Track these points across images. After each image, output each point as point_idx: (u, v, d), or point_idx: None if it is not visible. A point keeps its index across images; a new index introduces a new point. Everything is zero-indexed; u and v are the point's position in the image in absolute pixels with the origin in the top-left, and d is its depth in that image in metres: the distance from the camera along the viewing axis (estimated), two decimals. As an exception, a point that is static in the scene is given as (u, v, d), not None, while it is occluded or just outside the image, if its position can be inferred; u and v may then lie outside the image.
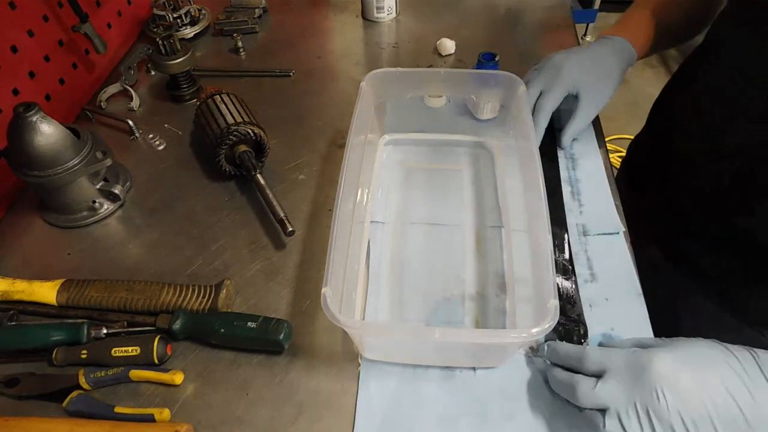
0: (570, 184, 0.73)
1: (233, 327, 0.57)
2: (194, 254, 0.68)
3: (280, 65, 0.98)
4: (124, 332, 0.59)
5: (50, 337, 0.57)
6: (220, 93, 0.79)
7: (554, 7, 1.11)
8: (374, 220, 0.70)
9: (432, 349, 0.56)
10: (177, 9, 1.03)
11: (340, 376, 0.56)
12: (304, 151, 0.82)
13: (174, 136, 0.86)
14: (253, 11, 1.09)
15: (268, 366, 0.57)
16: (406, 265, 0.65)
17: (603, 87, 0.72)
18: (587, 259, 0.64)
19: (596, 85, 0.72)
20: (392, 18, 1.10)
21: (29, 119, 0.64)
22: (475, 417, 0.52)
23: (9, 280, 0.63)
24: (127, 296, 0.61)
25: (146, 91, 0.95)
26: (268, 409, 0.54)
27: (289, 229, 0.66)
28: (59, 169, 0.67)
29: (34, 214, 0.75)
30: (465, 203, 0.72)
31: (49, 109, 0.67)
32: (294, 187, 0.76)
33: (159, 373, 0.55)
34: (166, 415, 0.52)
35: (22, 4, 0.77)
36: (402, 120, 0.80)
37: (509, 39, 1.03)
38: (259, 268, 0.66)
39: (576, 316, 0.58)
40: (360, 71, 0.97)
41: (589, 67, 0.72)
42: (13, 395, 0.55)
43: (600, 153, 0.78)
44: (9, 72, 0.76)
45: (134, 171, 0.80)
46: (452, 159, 0.79)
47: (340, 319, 0.47)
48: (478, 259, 0.66)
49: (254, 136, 0.74)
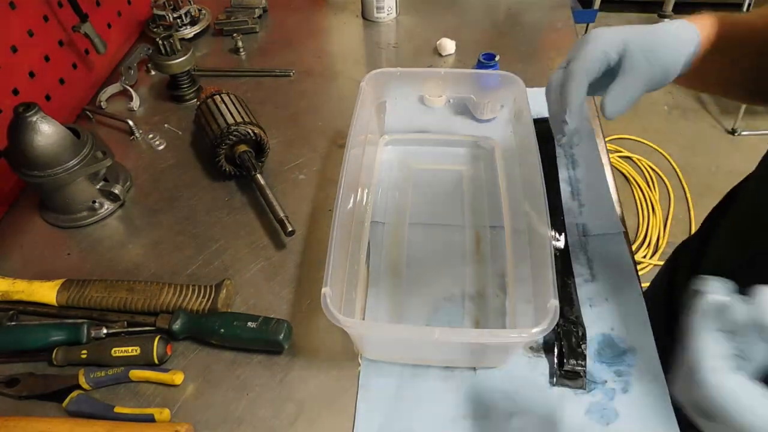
0: (570, 184, 0.73)
1: (233, 327, 0.57)
2: (194, 254, 0.68)
3: (280, 65, 0.98)
4: (124, 332, 0.59)
5: (50, 337, 0.57)
6: (220, 93, 0.79)
7: (554, 7, 1.11)
8: (374, 220, 0.70)
9: (432, 349, 0.56)
10: (177, 9, 1.03)
11: (340, 376, 0.56)
12: (304, 151, 0.82)
13: (174, 136, 0.86)
14: (253, 11, 1.09)
15: (268, 366, 0.57)
16: (406, 265, 0.65)
17: (659, 54, 0.51)
18: (587, 259, 0.64)
19: (650, 51, 0.51)
20: (392, 18, 1.10)
21: (29, 119, 0.64)
22: (475, 417, 0.52)
23: (9, 280, 0.63)
24: (127, 296, 0.61)
25: (146, 91, 0.95)
26: (268, 409, 0.54)
27: (289, 229, 0.66)
28: (59, 169, 0.67)
29: (34, 214, 0.75)
30: (465, 203, 0.72)
31: (49, 109, 0.67)
32: (294, 187, 0.76)
33: (159, 373, 0.55)
34: (166, 415, 0.52)
35: (22, 4, 0.77)
36: (402, 120, 0.80)
37: (509, 39, 1.03)
38: (259, 268, 0.66)
39: (574, 318, 0.58)
40: (360, 71, 0.97)
41: (639, 31, 0.53)
42: (13, 395, 0.55)
43: (600, 153, 0.78)
44: (9, 72, 0.76)
45: (134, 171, 0.80)
46: (452, 159, 0.79)
47: (340, 319, 0.47)
48: (478, 259, 0.66)
49: (254, 136, 0.74)
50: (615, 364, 0.55)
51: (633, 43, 0.51)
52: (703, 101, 2.37)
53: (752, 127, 2.20)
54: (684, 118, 2.31)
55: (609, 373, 0.55)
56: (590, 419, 0.52)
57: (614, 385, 0.54)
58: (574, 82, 0.51)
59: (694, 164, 2.09)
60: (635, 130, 2.22)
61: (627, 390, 0.53)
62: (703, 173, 2.06)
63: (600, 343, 0.57)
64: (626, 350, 0.56)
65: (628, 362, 0.55)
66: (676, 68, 0.53)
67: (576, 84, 0.51)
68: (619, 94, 0.51)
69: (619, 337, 0.57)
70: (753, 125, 2.21)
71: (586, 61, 0.52)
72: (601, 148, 0.79)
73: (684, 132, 2.25)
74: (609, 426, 0.51)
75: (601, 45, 0.52)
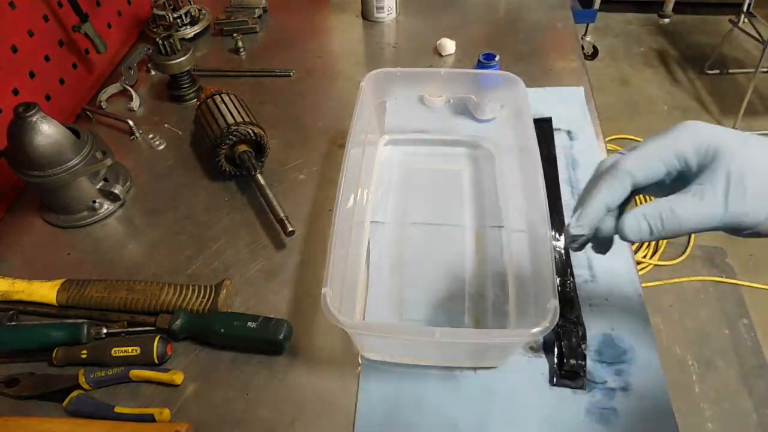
0: (570, 184, 0.73)
1: (233, 327, 0.57)
2: (194, 254, 0.68)
3: (280, 65, 0.98)
4: (124, 332, 0.59)
5: (50, 337, 0.57)
6: (220, 93, 0.79)
7: (554, 7, 1.11)
8: (374, 220, 0.70)
9: (432, 349, 0.56)
10: (177, 9, 1.03)
11: (340, 376, 0.56)
12: (304, 151, 0.82)
13: (174, 136, 0.86)
14: (253, 11, 1.09)
15: (268, 366, 0.57)
16: (406, 265, 0.65)
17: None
18: (587, 259, 0.64)
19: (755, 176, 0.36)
20: (392, 18, 1.10)
21: (29, 119, 0.64)
22: (474, 417, 0.52)
23: (9, 280, 0.63)
24: (127, 296, 0.61)
25: (146, 91, 0.95)
26: (268, 409, 0.54)
27: (289, 229, 0.66)
28: (59, 169, 0.67)
29: (34, 214, 0.75)
30: (465, 203, 0.72)
31: (49, 109, 0.67)
32: (294, 187, 0.76)
33: (159, 373, 0.55)
34: (166, 415, 0.52)
35: (22, 4, 0.77)
36: (402, 120, 0.80)
37: (509, 39, 1.03)
38: (259, 268, 0.66)
39: (574, 318, 0.58)
40: (360, 71, 0.97)
41: (750, 141, 0.37)
42: (13, 395, 0.55)
43: (600, 153, 0.78)
44: (9, 72, 0.76)
45: (134, 171, 0.80)
46: (452, 159, 0.79)
47: (340, 319, 0.47)
48: (478, 259, 0.66)
49: (254, 136, 0.74)
50: (615, 364, 0.55)
51: (730, 154, 0.36)
52: (703, 101, 2.36)
53: (752, 127, 2.20)
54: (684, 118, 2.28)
55: (609, 373, 0.55)
56: (590, 419, 0.52)
57: (614, 385, 0.54)
58: (604, 189, 0.39)
59: (694, 164, 2.09)
60: (635, 130, 2.22)
61: (627, 390, 0.53)
62: (703, 173, 2.06)
63: (600, 343, 0.57)
64: (626, 350, 0.56)
65: (628, 362, 0.55)
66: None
67: (605, 192, 0.39)
68: (662, 215, 0.37)
69: (619, 337, 0.57)
70: (753, 125, 2.21)
71: (640, 164, 0.38)
72: (601, 148, 0.79)
73: (684, 132, 2.24)
74: (609, 426, 0.51)
75: (674, 147, 0.38)
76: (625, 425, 0.51)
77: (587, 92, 0.88)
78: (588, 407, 0.52)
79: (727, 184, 0.35)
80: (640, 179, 0.38)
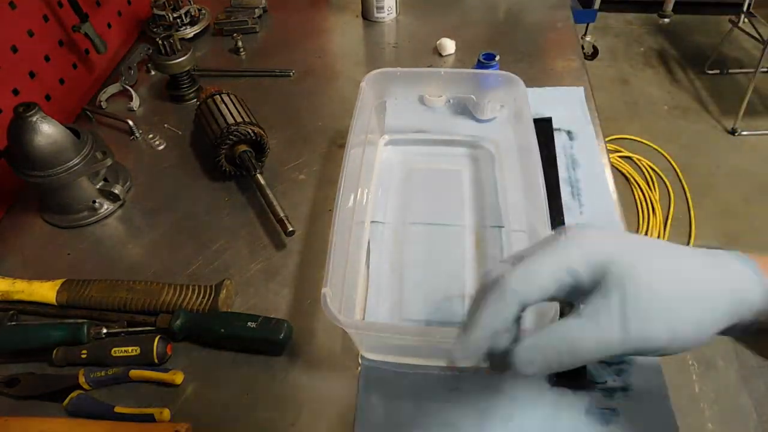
0: (570, 184, 0.73)
1: (233, 327, 0.57)
2: (194, 254, 0.68)
3: (280, 65, 0.98)
4: (124, 332, 0.59)
5: (50, 337, 0.57)
6: (220, 93, 0.79)
7: (554, 7, 1.11)
8: (374, 220, 0.70)
9: (432, 349, 0.56)
10: (177, 9, 1.03)
11: (340, 376, 0.56)
12: (304, 151, 0.82)
13: (174, 136, 0.86)
14: (253, 11, 1.09)
15: (268, 366, 0.57)
16: (406, 265, 0.65)
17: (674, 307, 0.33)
18: (587, 259, 0.64)
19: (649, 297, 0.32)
20: (392, 18, 1.10)
21: (29, 119, 0.64)
22: (475, 417, 0.52)
23: (9, 280, 0.63)
24: (127, 296, 0.61)
25: (146, 91, 0.95)
26: (268, 409, 0.54)
27: (289, 229, 0.66)
28: (59, 169, 0.67)
29: (34, 214, 0.75)
30: (465, 203, 0.72)
31: (49, 109, 0.67)
32: (294, 187, 0.76)
33: (159, 373, 0.55)
34: (166, 415, 0.52)
35: (22, 4, 0.77)
36: (402, 120, 0.80)
37: (509, 39, 1.03)
38: (259, 268, 0.66)
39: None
40: (360, 71, 0.97)
41: (641, 251, 0.34)
42: (13, 395, 0.55)
43: (600, 153, 0.78)
44: (9, 72, 0.76)
45: (134, 171, 0.80)
46: (452, 159, 0.79)
47: (340, 319, 0.47)
48: (478, 259, 0.66)
49: (254, 136, 0.74)
50: (615, 364, 0.55)
51: (625, 271, 0.32)
52: (703, 101, 2.37)
53: (752, 127, 2.20)
54: (684, 118, 2.31)
55: (609, 373, 0.55)
56: (590, 419, 0.52)
57: (614, 385, 0.54)
58: (489, 311, 0.34)
59: (694, 164, 2.09)
60: (635, 130, 2.22)
61: (627, 390, 0.53)
62: (703, 173, 2.06)
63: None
64: (626, 350, 0.56)
65: (628, 362, 0.55)
66: (707, 333, 0.33)
67: (491, 316, 0.34)
68: (557, 347, 0.33)
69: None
70: (753, 125, 2.20)
71: (528, 281, 0.34)
72: (601, 148, 0.79)
73: (684, 132, 2.25)
74: (609, 426, 0.51)
75: (565, 262, 0.34)
76: (625, 425, 0.51)
77: (587, 92, 0.88)
78: (588, 407, 0.52)
79: (623, 307, 0.32)
80: (529, 299, 0.34)
